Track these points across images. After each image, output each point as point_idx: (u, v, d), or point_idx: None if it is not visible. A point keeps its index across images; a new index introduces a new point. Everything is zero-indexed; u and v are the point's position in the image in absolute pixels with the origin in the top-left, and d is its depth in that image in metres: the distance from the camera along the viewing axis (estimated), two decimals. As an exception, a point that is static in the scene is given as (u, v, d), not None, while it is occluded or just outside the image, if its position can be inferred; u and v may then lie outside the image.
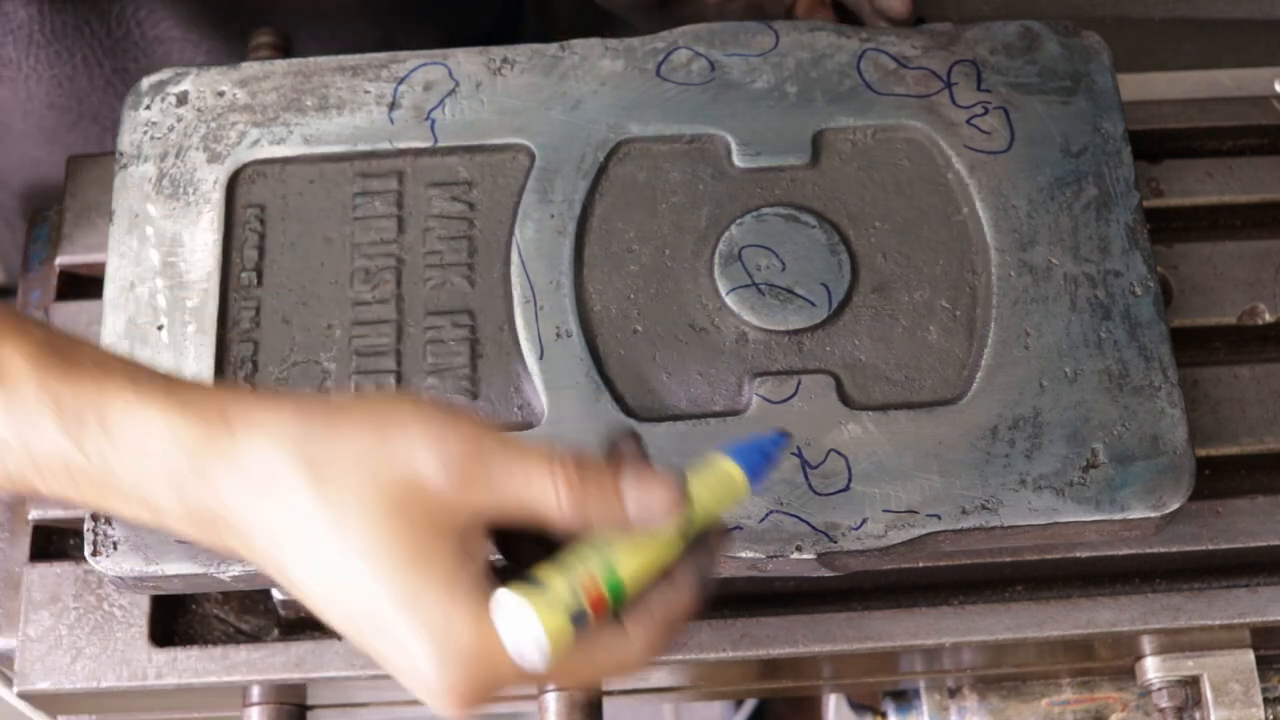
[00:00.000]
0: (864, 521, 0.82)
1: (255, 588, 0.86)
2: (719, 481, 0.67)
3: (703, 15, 1.06)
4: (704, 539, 0.67)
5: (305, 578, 0.65)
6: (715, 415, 0.85)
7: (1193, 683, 0.94)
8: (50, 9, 1.10)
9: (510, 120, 0.92)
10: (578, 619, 0.63)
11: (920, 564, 0.90)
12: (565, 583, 0.63)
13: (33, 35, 1.11)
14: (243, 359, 0.87)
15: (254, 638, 0.92)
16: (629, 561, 0.65)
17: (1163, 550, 0.92)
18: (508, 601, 0.63)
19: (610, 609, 0.64)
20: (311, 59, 0.94)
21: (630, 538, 0.65)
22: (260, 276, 0.89)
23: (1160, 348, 0.86)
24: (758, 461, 0.68)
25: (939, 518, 0.82)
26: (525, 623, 0.62)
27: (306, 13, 1.14)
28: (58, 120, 1.17)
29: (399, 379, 0.87)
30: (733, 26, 0.95)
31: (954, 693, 1.01)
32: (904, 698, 1.04)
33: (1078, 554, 0.91)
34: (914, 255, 0.90)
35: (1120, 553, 0.91)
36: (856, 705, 1.11)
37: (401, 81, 0.93)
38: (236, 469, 0.64)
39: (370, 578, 0.62)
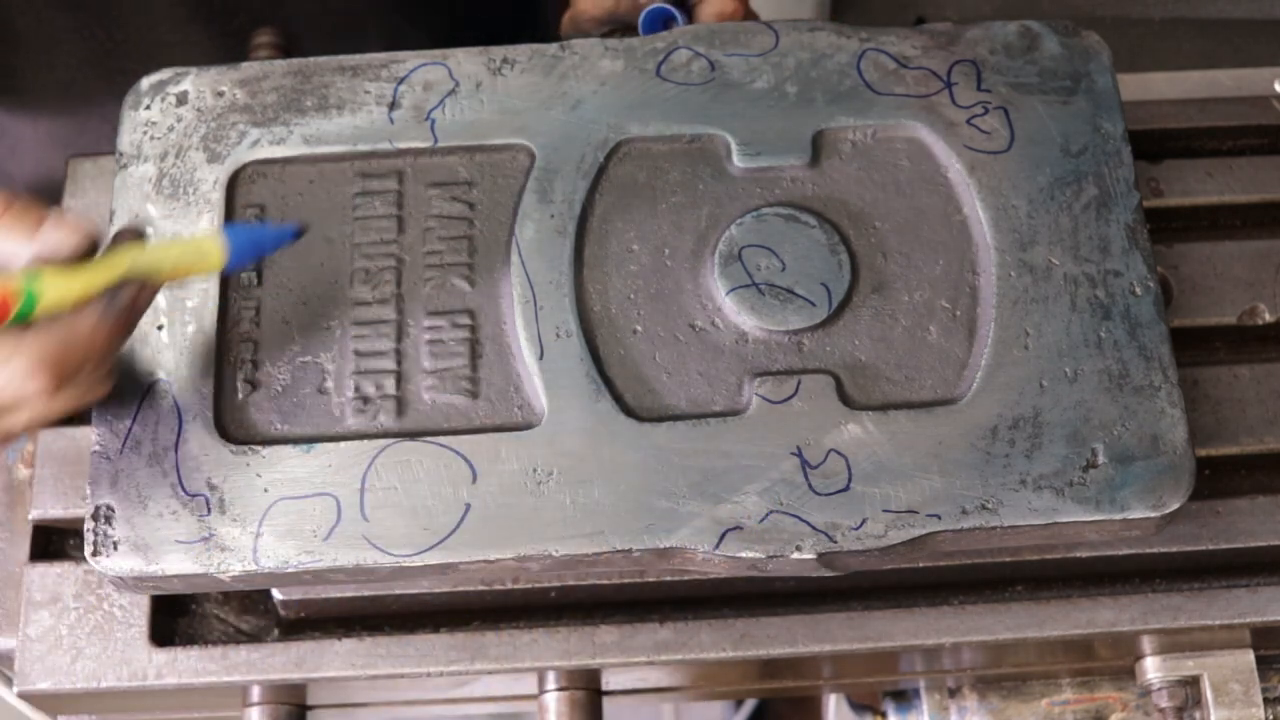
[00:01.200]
0: (864, 521, 0.82)
1: (255, 588, 0.86)
2: (189, 250, 0.80)
3: None
4: (126, 286, 0.76)
5: None
6: (715, 415, 0.85)
7: (1193, 683, 0.94)
8: (53, 14, 1.09)
9: (510, 120, 0.92)
10: None
11: (920, 564, 0.90)
12: None
13: (37, 42, 1.11)
14: (243, 359, 0.87)
15: (254, 638, 0.92)
16: (55, 284, 0.74)
17: (1163, 550, 0.92)
18: None
19: (15, 314, 0.73)
20: (311, 59, 0.94)
21: (65, 269, 0.75)
22: (260, 276, 0.89)
23: (1160, 348, 0.86)
24: (244, 245, 0.81)
25: (939, 518, 0.82)
26: None
27: (314, 14, 1.14)
28: (67, 125, 1.17)
29: (399, 379, 0.87)
30: (732, 26, 0.95)
31: (954, 693, 1.01)
32: (904, 698, 1.05)
33: (1078, 554, 0.91)
34: (914, 255, 0.90)
35: (1120, 553, 0.92)
36: (856, 705, 1.11)
37: (401, 81, 0.93)
38: None
39: None
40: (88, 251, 0.76)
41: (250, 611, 0.94)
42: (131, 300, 0.77)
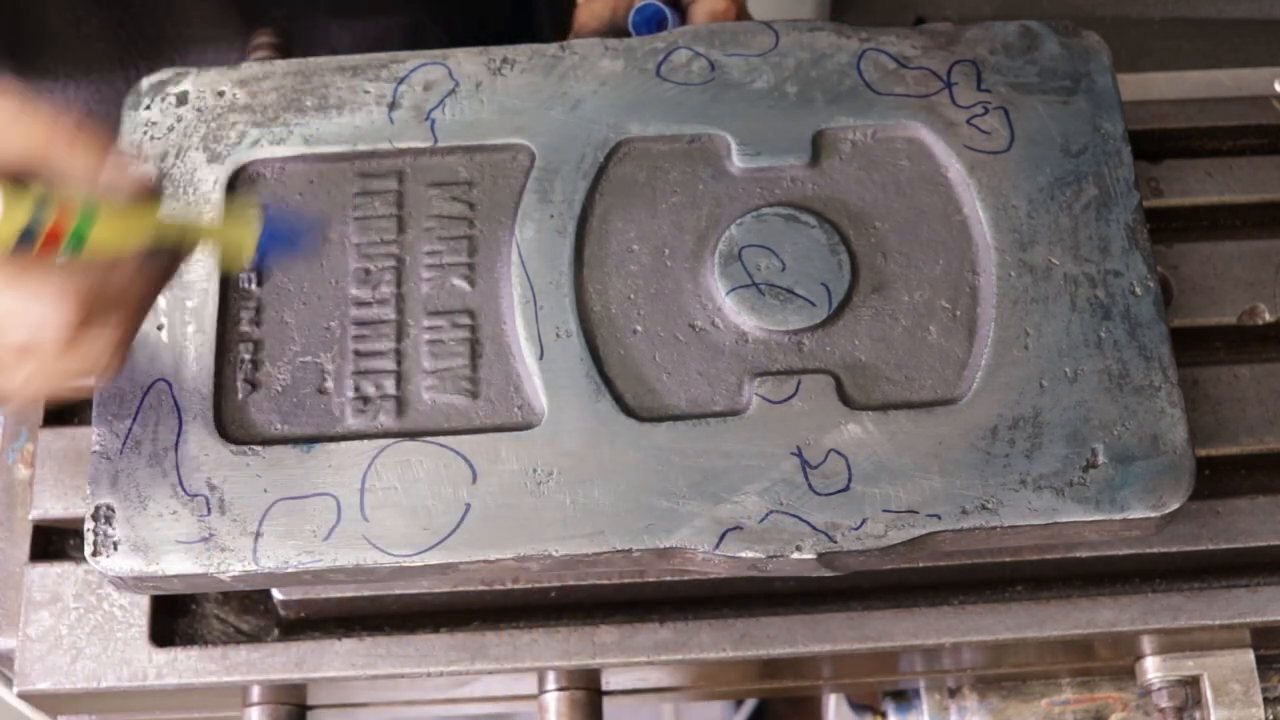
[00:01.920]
0: (864, 521, 0.82)
1: (255, 588, 0.86)
2: (227, 219, 0.78)
3: None
4: (173, 249, 0.74)
5: None
6: (715, 415, 0.85)
7: (1193, 683, 0.94)
8: (84, 14, 1.09)
9: (510, 120, 0.92)
10: (30, 230, 0.68)
11: (920, 564, 0.90)
12: (42, 197, 0.68)
13: (69, 42, 1.11)
14: (242, 359, 0.87)
15: (254, 638, 0.92)
16: (106, 224, 0.70)
17: (1163, 550, 0.92)
18: None
19: (63, 246, 0.69)
20: (311, 59, 0.94)
21: (120, 210, 0.71)
22: (260, 276, 0.89)
23: (1160, 348, 0.86)
24: (278, 229, 0.77)
25: (939, 518, 0.82)
26: None
27: (332, 11, 1.14)
28: (95, 121, 1.17)
29: (399, 379, 0.87)
30: (732, 26, 0.95)
31: (954, 693, 1.01)
32: (904, 698, 1.05)
33: (1078, 554, 0.91)
34: (914, 255, 0.90)
35: (1120, 553, 0.92)
36: (856, 705, 1.11)
37: (401, 81, 0.93)
38: None
39: None
40: (142, 200, 0.73)
41: (250, 611, 0.94)
42: (171, 258, 0.75)
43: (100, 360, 0.75)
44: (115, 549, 0.82)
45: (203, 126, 0.92)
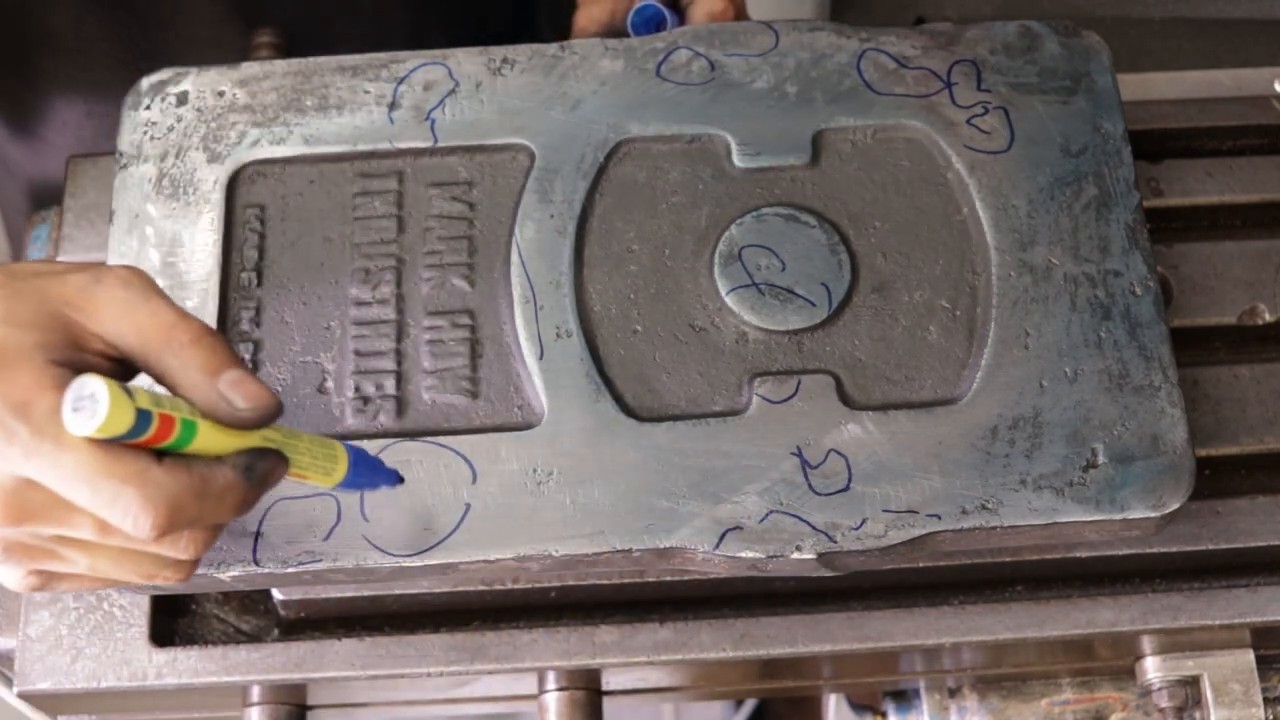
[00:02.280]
0: (864, 521, 0.82)
1: (255, 588, 0.86)
2: (320, 443, 0.74)
3: None
4: (269, 454, 0.70)
5: None
6: (715, 415, 0.85)
7: (1193, 683, 0.94)
8: (85, 15, 1.09)
9: (510, 120, 0.92)
10: (142, 419, 0.65)
11: (920, 564, 0.90)
12: (148, 397, 0.66)
13: (69, 43, 1.11)
14: (242, 359, 0.87)
15: (254, 638, 0.92)
16: (210, 429, 0.68)
17: (1163, 550, 0.92)
18: (87, 378, 0.64)
19: (173, 440, 0.66)
20: (311, 59, 0.94)
21: (223, 428, 0.68)
22: (260, 276, 0.89)
23: (1160, 348, 0.86)
24: (363, 467, 0.76)
25: (939, 518, 0.82)
26: (94, 390, 0.64)
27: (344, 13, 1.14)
28: (96, 128, 1.17)
29: (399, 379, 0.87)
30: (732, 26, 0.95)
31: (954, 693, 1.01)
32: (904, 698, 1.05)
33: (1078, 554, 0.91)
34: (914, 255, 0.90)
35: (1120, 553, 0.91)
36: (856, 705, 1.11)
37: (401, 81, 0.93)
38: None
39: None
40: (255, 425, 0.69)
41: (250, 611, 0.93)
42: (270, 471, 0.70)
43: (177, 570, 0.71)
44: (115, 549, 0.82)
45: (203, 126, 0.92)
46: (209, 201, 0.90)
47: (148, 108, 0.93)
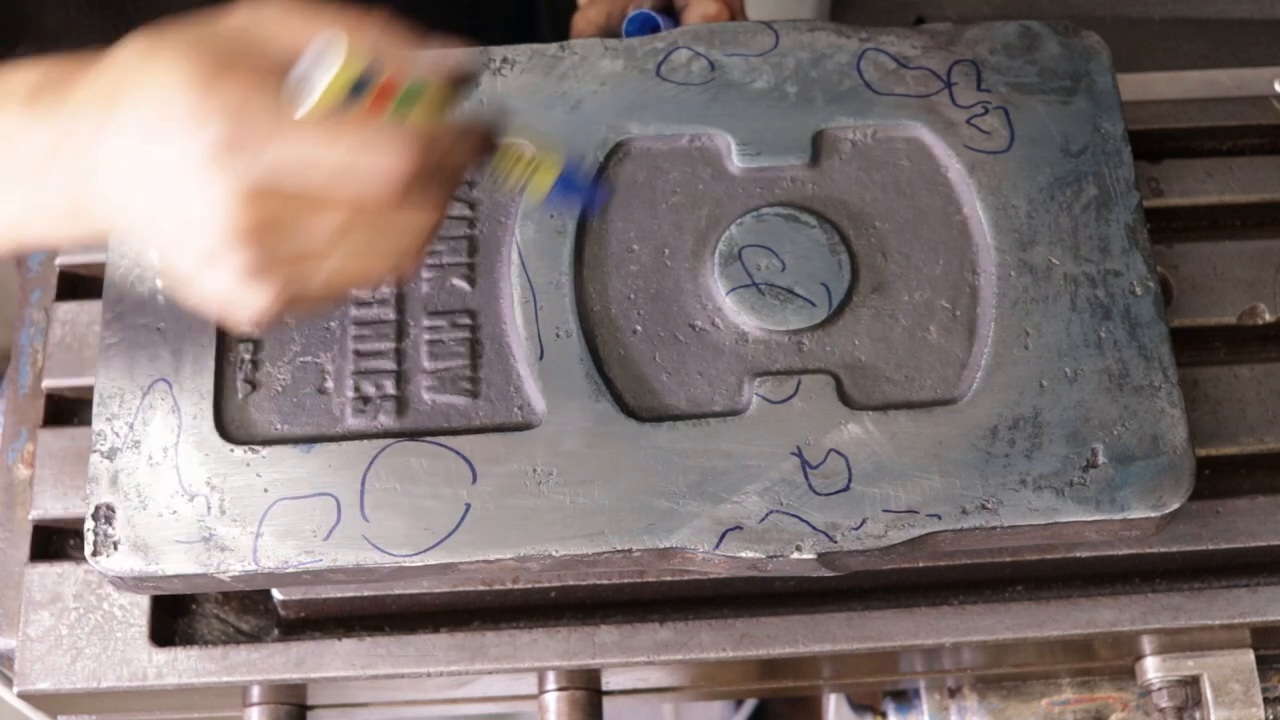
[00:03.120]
0: (864, 521, 0.82)
1: (255, 588, 0.86)
2: (539, 144, 0.75)
3: None
4: (483, 136, 0.71)
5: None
6: (715, 415, 0.85)
7: (1193, 683, 0.94)
8: (77, 14, 1.09)
9: (510, 120, 0.92)
10: (366, 78, 0.66)
11: (920, 564, 0.90)
12: (379, 56, 0.67)
13: (62, 43, 1.11)
14: (242, 359, 0.87)
15: (254, 638, 0.92)
16: (433, 96, 0.68)
17: (1163, 550, 0.92)
18: (328, 32, 0.66)
19: (393, 104, 0.67)
20: (311, 59, 0.94)
21: (442, 90, 0.69)
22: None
23: (1160, 348, 0.86)
24: (573, 184, 0.76)
25: (939, 518, 0.82)
26: (330, 39, 0.66)
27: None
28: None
29: (399, 379, 0.87)
30: (732, 26, 0.95)
31: (954, 693, 1.01)
32: (904, 698, 1.05)
33: (1078, 554, 0.91)
34: (914, 255, 0.90)
35: (1120, 553, 0.91)
36: (856, 705, 1.11)
37: (401, 81, 0.93)
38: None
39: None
40: (460, 83, 0.71)
41: (250, 611, 0.93)
42: (485, 134, 0.72)
43: (418, 236, 0.69)
44: (115, 549, 0.82)
45: (203, 126, 0.92)
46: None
47: (148, 108, 0.92)
